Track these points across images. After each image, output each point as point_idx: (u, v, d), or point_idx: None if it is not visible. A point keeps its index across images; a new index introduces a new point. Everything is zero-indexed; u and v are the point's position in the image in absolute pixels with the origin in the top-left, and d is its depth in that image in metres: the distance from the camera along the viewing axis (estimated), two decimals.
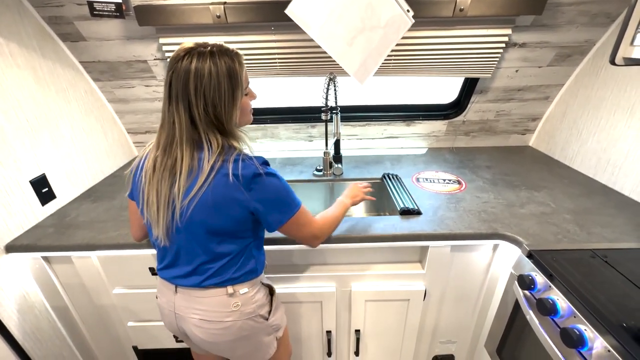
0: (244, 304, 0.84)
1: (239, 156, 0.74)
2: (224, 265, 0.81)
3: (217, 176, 0.73)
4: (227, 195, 0.74)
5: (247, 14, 1.17)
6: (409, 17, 0.80)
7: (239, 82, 0.73)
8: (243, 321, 0.84)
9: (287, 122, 1.69)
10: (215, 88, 0.70)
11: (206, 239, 0.79)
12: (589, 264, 0.89)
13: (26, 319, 1.09)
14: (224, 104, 0.72)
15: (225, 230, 0.78)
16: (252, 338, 0.88)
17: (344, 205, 1.01)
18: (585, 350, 0.73)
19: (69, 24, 1.25)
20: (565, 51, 1.38)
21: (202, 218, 0.75)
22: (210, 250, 0.80)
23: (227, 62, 0.71)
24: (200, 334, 0.84)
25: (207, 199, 0.74)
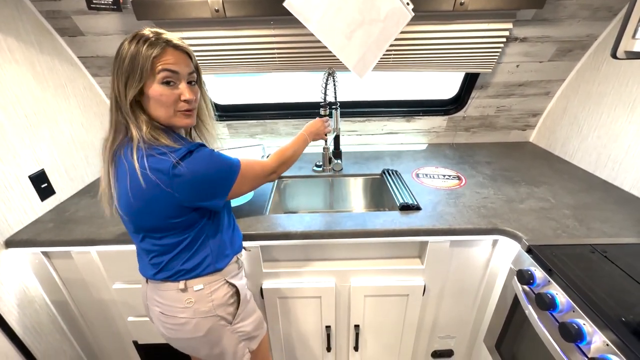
0: (198, 301, 0.80)
1: (140, 152, 0.68)
2: (173, 258, 0.78)
3: (129, 171, 0.69)
4: (146, 193, 0.69)
5: (245, 8, 1.16)
6: (409, 10, 0.79)
7: (139, 63, 0.66)
8: (198, 320, 0.80)
9: (286, 117, 1.69)
10: (121, 61, 0.67)
11: (144, 236, 0.77)
12: (588, 259, 0.89)
13: (26, 313, 1.10)
14: (119, 82, 0.68)
15: (161, 226, 0.75)
16: (212, 340, 0.84)
17: (304, 140, 1.02)
18: (584, 345, 0.73)
19: (67, 19, 1.24)
20: (566, 46, 1.37)
21: (129, 216, 0.74)
22: (156, 246, 0.77)
23: (145, 43, 0.67)
24: (161, 327, 0.84)
25: (128, 196, 0.71)
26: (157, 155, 0.68)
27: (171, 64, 0.69)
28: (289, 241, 1.07)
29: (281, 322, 1.24)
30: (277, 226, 1.07)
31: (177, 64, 0.70)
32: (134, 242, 0.83)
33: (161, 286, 0.81)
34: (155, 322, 0.86)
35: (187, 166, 0.68)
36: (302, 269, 1.15)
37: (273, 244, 1.09)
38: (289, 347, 1.32)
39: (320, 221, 1.10)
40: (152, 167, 0.67)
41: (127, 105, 0.69)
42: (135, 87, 0.68)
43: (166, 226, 0.74)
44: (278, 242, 1.08)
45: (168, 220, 0.73)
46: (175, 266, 0.78)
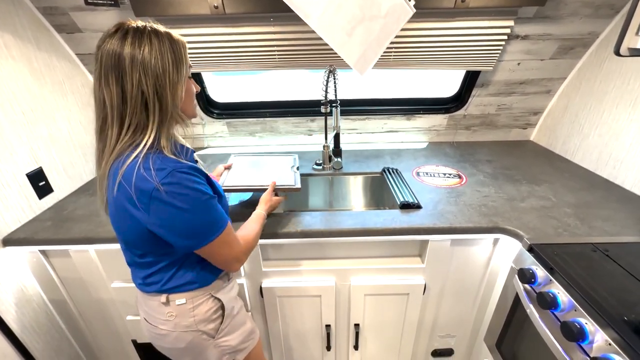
0: (179, 315, 0.77)
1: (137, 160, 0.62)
2: (152, 275, 0.75)
3: (118, 181, 0.63)
4: (125, 209, 0.64)
5: (245, 4, 1.15)
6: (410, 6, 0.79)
7: (183, 58, 0.66)
8: (179, 333, 0.78)
9: (286, 115, 1.68)
10: (157, 58, 0.62)
11: (125, 245, 0.75)
12: (590, 258, 0.89)
13: (24, 312, 1.09)
14: (168, 76, 0.63)
15: (135, 243, 0.70)
16: (193, 352, 0.82)
17: (262, 219, 0.93)
18: (586, 344, 0.72)
19: (64, 15, 1.23)
20: (567, 43, 1.36)
21: (114, 222, 0.70)
22: (134, 259, 0.75)
23: (169, 38, 0.64)
24: (146, 332, 0.84)
25: (112, 203, 0.67)
26: (146, 170, 0.61)
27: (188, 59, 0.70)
28: (289, 240, 1.06)
29: (281, 321, 1.24)
30: (276, 225, 1.06)
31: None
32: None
33: (146, 295, 0.80)
34: (142, 326, 0.85)
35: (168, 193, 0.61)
36: (302, 267, 1.14)
37: (272, 242, 1.08)
38: (289, 346, 1.31)
39: (320, 220, 1.09)
40: (138, 183, 0.61)
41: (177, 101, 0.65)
42: (184, 82, 0.66)
43: (139, 244, 0.70)
44: (277, 241, 1.07)
45: (141, 239, 0.69)
46: (157, 282, 0.76)
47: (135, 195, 0.61)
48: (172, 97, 0.65)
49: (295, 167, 1.25)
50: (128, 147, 0.65)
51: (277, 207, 1.07)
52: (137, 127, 0.64)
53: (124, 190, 0.63)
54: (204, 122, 1.67)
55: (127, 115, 0.63)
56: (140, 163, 0.62)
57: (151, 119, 0.64)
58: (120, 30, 0.62)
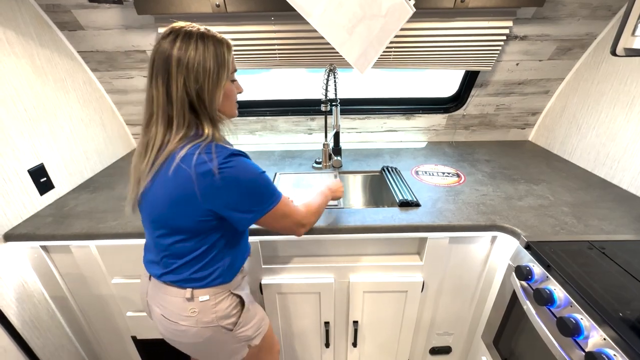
0: (201, 311, 0.79)
1: (200, 145, 0.68)
2: (185, 264, 0.77)
3: (177, 166, 0.68)
4: (183, 192, 0.69)
5: (246, 3, 1.16)
6: (410, 5, 0.80)
7: (226, 64, 0.71)
8: (199, 329, 0.80)
9: (286, 114, 1.69)
10: (200, 62, 0.67)
11: (164, 233, 0.76)
12: (586, 255, 0.90)
13: (25, 307, 1.10)
14: (208, 82, 0.68)
15: (182, 228, 0.74)
16: (211, 345, 0.84)
17: (326, 196, 0.99)
18: (582, 339, 0.73)
19: (67, 12, 1.23)
20: (566, 44, 1.38)
21: (159, 211, 0.73)
22: (165, 245, 0.77)
23: (214, 43, 0.69)
24: (161, 328, 0.85)
25: (160, 189, 0.71)
26: (205, 154, 0.67)
27: (233, 61, 0.74)
28: (289, 237, 1.07)
29: (280, 318, 1.25)
30: None
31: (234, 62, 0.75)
32: (149, 238, 0.82)
33: (166, 290, 0.80)
34: (156, 321, 0.85)
35: (231, 170, 0.68)
36: (301, 265, 1.15)
37: (272, 239, 1.09)
38: (288, 343, 1.32)
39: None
40: (199, 166, 0.67)
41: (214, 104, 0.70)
42: (222, 87, 0.71)
43: (190, 228, 0.74)
44: (277, 238, 1.08)
45: (194, 222, 0.72)
46: (185, 272, 0.78)
47: (200, 177, 0.66)
48: (209, 99, 0.70)
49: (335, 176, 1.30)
50: (180, 142, 0.69)
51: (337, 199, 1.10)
52: (187, 125, 0.70)
53: (184, 176, 0.67)
54: None
55: (174, 115, 0.68)
56: (200, 150, 0.67)
57: (202, 117, 0.71)
58: (172, 34, 0.67)
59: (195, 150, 0.67)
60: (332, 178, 1.39)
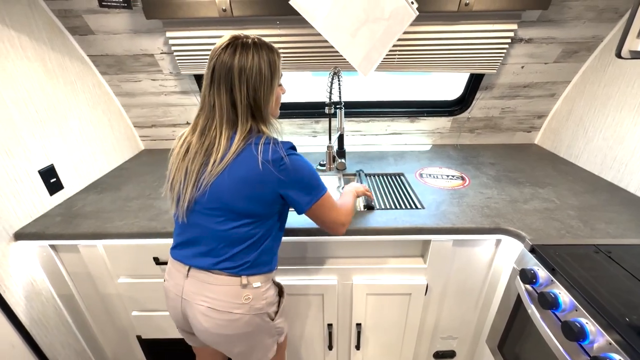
0: (255, 298, 0.84)
1: (269, 140, 0.78)
2: (242, 250, 0.82)
3: (245, 158, 0.77)
4: (254, 178, 0.77)
5: (252, 7, 1.18)
6: (413, 9, 0.80)
7: (277, 71, 0.80)
8: (251, 316, 0.84)
9: (291, 117, 1.70)
10: (257, 73, 0.75)
11: (227, 220, 0.81)
12: (592, 259, 0.89)
13: (33, 305, 1.12)
14: (263, 88, 0.77)
15: (249, 212, 0.81)
16: (255, 336, 0.87)
17: (354, 195, 1.04)
18: (587, 344, 0.72)
19: (78, 17, 1.27)
20: (572, 47, 1.37)
21: (227, 198, 0.79)
22: (223, 231, 0.81)
23: (267, 52, 0.77)
24: (205, 323, 0.82)
25: (232, 179, 0.78)
26: (272, 145, 0.77)
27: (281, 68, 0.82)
28: (293, 237, 1.08)
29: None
30: None
31: None
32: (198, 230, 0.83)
33: (217, 280, 0.81)
34: (197, 317, 0.83)
35: (292, 158, 0.78)
36: (305, 266, 1.16)
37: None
38: (291, 344, 1.32)
39: None
40: (273, 153, 0.76)
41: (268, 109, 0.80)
42: (275, 91, 0.80)
43: (255, 212, 0.81)
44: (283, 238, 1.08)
45: (262, 205, 0.80)
46: (241, 259, 0.82)
47: (273, 163, 0.76)
48: (264, 103, 0.79)
49: (341, 187, 1.32)
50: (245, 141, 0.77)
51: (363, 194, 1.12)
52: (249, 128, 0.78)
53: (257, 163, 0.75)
54: None
55: (239, 119, 0.77)
56: (269, 142, 0.77)
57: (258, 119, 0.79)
58: (231, 46, 0.75)
59: (264, 143, 0.77)
60: (336, 181, 1.39)
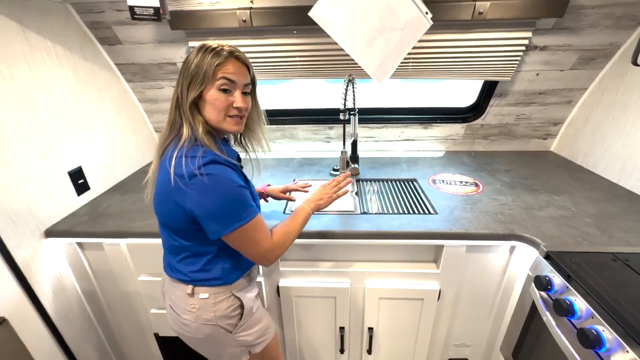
0: (201, 308, 0.83)
1: (182, 151, 0.71)
2: (181, 260, 0.82)
3: (163, 167, 0.75)
4: (166, 190, 0.74)
5: (271, 18, 1.23)
6: (428, 19, 0.83)
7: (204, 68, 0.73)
8: (199, 325, 0.83)
9: (305, 123, 1.74)
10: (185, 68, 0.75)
11: (162, 229, 0.82)
12: (609, 267, 0.88)
13: (59, 299, 1.18)
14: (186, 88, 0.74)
15: (170, 226, 0.78)
16: (210, 343, 0.87)
17: (305, 214, 0.92)
18: (603, 352, 0.72)
19: (108, 29, 1.35)
20: (588, 54, 1.36)
21: (155, 209, 0.80)
22: (169, 242, 0.82)
23: (209, 52, 0.74)
24: (170, 320, 0.89)
25: (156, 188, 0.78)
26: (188, 157, 0.71)
27: (230, 73, 0.75)
28: (306, 240, 1.10)
29: (296, 322, 1.27)
30: None
31: (236, 74, 0.76)
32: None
33: (174, 283, 0.86)
34: (167, 314, 0.91)
35: (207, 176, 0.70)
36: (318, 269, 1.18)
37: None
38: (303, 347, 1.34)
39: (336, 222, 1.13)
40: (177, 168, 0.70)
41: (187, 104, 0.74)
42: (196, 90, 0.74)
43: (174, 227, 0.78)
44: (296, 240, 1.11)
45: (177, 222, 0.76)
46: (184, 270, 0.82)
47: (177, 178, 0.70)
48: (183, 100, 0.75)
49: (355, 192, 1.34)
50: (171, 142, 0.77)
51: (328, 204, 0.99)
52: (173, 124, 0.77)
53: (167, 174, 0.71)
54: None
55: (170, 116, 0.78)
56: (185, 153, 0.71)
57: (183, 119, 0.76)
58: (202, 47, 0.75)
59: (180, 152, 0.72)
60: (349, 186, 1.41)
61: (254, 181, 0.93)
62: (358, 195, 1.34)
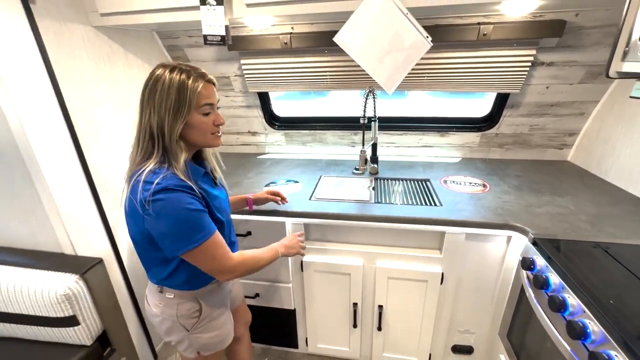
0: (166, 305, 0.92)
1: (141, 177, 0.76)
2: (151, 268, 0.91)
3: (131, 187, 0.79)
4: (129, 210, 0.81)
5: (307, 41, 1.51)
6: (428, 41, 1.04)
7: (187, 98, 0.77)
8: (163, 318, 0.94)
9: (333, 129, 1.98)
10: (162, 97, 0.76)
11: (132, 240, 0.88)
12: (588, 253, 0.99)
13: (132, 259, 1.49)
14: (167, 115, 0.77)
15: (138, 240, 0.85)
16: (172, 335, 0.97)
17: (274, 252, 1.02)
18: (567, 314, 0.85)
19: (180, 50, 1.72)
20: (595, 69, 1.47)
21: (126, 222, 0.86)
22: (139, 252, 0.90)
23: (183, 78, 0.77)
24: (145, 307, 1.01)
25: (125, 207, 0.83)
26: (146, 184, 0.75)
27: (210, 97, 0.83)
28: (325, 220, 1.32)
29: (315, 296, 1.47)
30: (317, 208, 1.33)
31: (212, 97, 0.84)
32: None
33: (149, 282, 0.98)
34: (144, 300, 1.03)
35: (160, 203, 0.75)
36: (336, 247, 1.38)
37: (313, 222, 1.35)
38: (321, 320, 1.53)
39: (353, 208, 1.34)
40: (133, 192, 0.78)
41: (174, 136, 0.79)
42: (182, 120, 0.78)
43: (140, 241, 0.85)
44: (317, 221, 1.33)
45: (141, 237, 0.83)
46: (156, 274, 0.92)
47: (135, 201, 0.77)
48: (169, 132, 0.78)
49: (372, 187, 1.55)
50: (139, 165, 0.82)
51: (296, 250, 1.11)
52: (145, 152, 0.81)
53: (130, 197, 0.80)
54: (266, 132, 2.05)
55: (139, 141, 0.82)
56: (144, 178, 0.76)
57: (156, 147, 0.80)
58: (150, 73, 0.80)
59: (140, 177, 0.76)
60: (367, 182, 1.62)
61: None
62: (374, 189, 1.54)
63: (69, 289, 1.11)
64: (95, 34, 1.30)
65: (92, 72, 1.29)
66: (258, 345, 1.75)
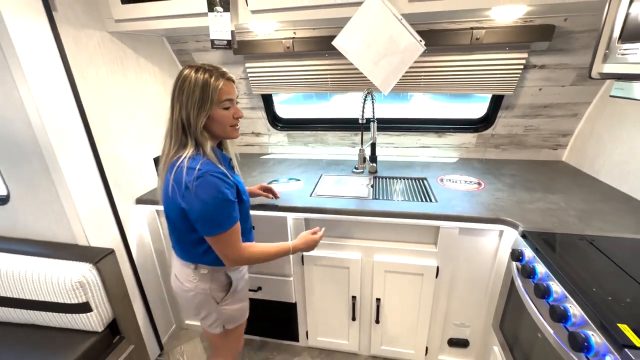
0: (201, 280, 1.01)
1: (183, 162, 0.86)
2: (185, 248, 1.00)
3: (169, 172, 0.89)
4: (168, 193, 0.90)
5: (308, 45, 1.59)
6: (421, 45, 1.10)
7: (210, 95, 0.87)
8: (196, 292, 1.02)
9: (334, 130, 2.05)
10: (188, 94, 0.87)
11: (171, 223, 0.98)
12: (574, 244, 1.04)
13: (140, 252, 1.57)
14: (192, 109, 0.87)
15: (176, 221, 0.94)
16: (200, 308, 1.05)
17: (285, 250, 1.08)
18: (551, 301, 0.90)
19: (188, 54, 1.80)
20: (585, 72, 1.52)
21: (163, 206, 0.96)
22: (176, 233, 1.00)
23: (206, 77, 0.87)
24: (173, 285, 1.10)
25: (164, 193, 0.93)
26: (188, 168, 0.86)
27: (230, 93, 0.93)
28: (325, 215, 1.38)
29: (316, 289, 1.53)
30: (318, 204, 1.40)
31: (232, 93, 0.94)
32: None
33: (180, 260, 1.05)
34: (171, 280, 1.12)
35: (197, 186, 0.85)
36: (336, 242, 1.44)
37: (313, 217, 1.41)
38: (321, 313, 1.59)
39: (352, 204, 1.40)
40: (176, 177, 0.87)
41: (199, 128, 0.89)
42: (205, 115, 0.89)
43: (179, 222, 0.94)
44: (317, 216, 1.40)
45: (179, 218, 0.93)
46: (190, 253, 1.00)
47: (177, 185, 0.88)
48: (194, 124, 0.89)
49: (370, 185, 1.61)
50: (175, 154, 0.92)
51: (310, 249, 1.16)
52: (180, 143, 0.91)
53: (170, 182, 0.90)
54: (270, 133, 2.13)
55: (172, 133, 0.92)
56: (186, 164, 0.87)
57: (188, 138, 0.91)
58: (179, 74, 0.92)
59: (182, 163, 0.86)
60: (366, 180, 1.68)
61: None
62: (373, 187, 1.60)
63: (83, 276, 1.18)
64: (110, 39, 1.39)
65: (107, 76, 1.37)
66: (258, 339, 1.80)
